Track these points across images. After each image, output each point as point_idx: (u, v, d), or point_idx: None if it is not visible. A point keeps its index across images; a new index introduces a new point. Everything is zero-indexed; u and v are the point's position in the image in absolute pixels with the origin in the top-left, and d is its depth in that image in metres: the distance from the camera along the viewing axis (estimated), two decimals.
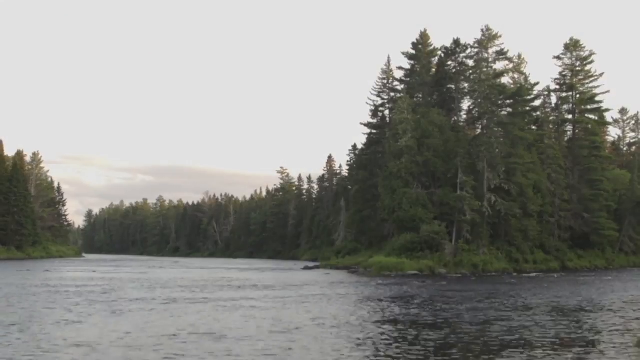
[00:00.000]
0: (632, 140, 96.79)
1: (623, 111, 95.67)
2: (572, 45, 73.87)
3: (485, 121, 62.24)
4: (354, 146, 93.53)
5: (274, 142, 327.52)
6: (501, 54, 63.89)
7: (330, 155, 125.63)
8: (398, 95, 72.11)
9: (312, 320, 20.00)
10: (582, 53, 73.95)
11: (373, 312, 22.80)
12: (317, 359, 13.56)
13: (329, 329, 17.95)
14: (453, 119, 67.19)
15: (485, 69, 62.86)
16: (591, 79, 74.25)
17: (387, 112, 75.45)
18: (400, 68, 73.61)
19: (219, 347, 14.68)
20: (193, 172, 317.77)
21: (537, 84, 71.63)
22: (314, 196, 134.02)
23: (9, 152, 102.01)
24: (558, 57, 74.64)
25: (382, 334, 17.50)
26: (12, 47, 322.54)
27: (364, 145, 79.54)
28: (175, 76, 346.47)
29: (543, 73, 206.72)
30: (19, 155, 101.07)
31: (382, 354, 14.45)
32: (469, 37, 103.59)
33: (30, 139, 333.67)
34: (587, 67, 74.21)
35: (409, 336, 17.03)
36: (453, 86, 68.41)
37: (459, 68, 67.42)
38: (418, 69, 71.14)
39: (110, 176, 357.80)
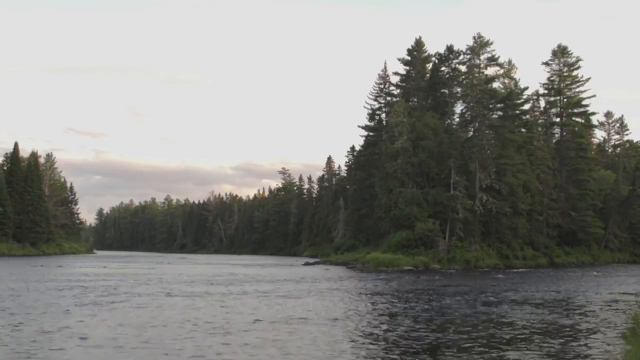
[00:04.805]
0: (616, 142, 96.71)
1: (608, 114, 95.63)
2: (560, 52, 74.17)
3: (477, 124, 62.29)
4: (352, 148, 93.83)
5: (274, 143, 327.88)
6: (492, 60, 64.03)
7: (330, 156, 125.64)
8: (394, 99, 72.20)
9: (311, 313, 19.94)
10: (569, 59, 74.35)
11: (369, 306, 22.76)
12: (315, 351, 13.53)
13: (327, 322, 17.90)
14: (446, 122, 67.27)
15: (477, 75, 62.94)
16: (578, 84, 74.61)
17: (383, 115, 75.45)
18: (396, 73, 73.73)
19: (220, 341, 14.64)
20: (197, 171, 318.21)
21: (526, 88, 71.94)
22: (314, 195, 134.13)
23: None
24: (546, 63, 75.02)
25: (378, 326, 17.46)
26: None
27: (362, 147, 79.59)
28: (176, 77, 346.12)
29: (532, 78, 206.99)
30: (33, 156, 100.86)
31: (377, 346, 14.41)
32: (462, 44, 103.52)
33: None
34: (574, 73, 74.61)
35: (403, 328, 16.97)
36: (446, 91, 68.53)
37: (452, 73, 67.54)
38: (413, 74, 71.26)
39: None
